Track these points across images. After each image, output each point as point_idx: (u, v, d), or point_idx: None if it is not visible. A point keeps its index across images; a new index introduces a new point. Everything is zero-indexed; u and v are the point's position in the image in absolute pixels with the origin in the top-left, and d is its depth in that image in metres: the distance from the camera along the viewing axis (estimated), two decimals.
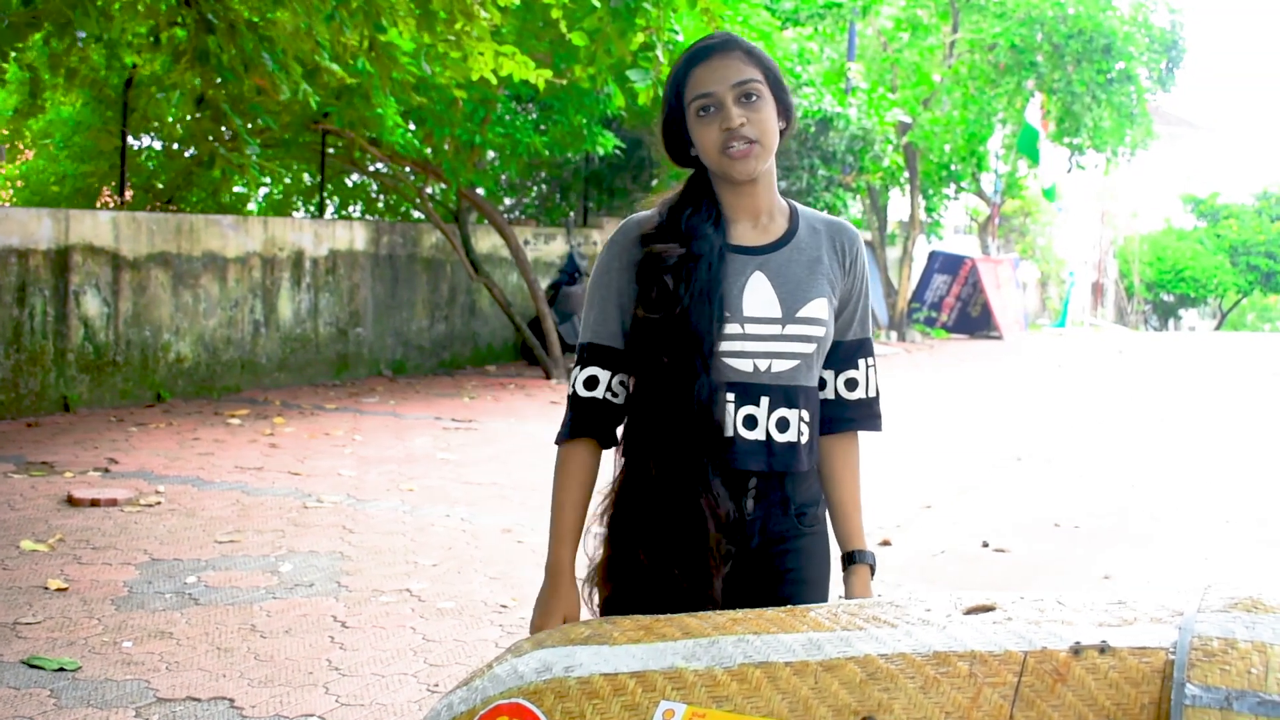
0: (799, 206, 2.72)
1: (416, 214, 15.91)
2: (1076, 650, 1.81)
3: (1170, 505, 8.67)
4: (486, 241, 15.81)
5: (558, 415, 11.63)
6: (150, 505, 7.42)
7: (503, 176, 16.80)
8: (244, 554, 6.45)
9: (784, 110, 2.62)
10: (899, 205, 28.38)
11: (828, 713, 1.87)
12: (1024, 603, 2.02)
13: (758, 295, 2.56)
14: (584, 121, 13.30)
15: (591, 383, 2.61)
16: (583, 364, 2.62)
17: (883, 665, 1.90)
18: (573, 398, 2.64)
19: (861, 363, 2.72)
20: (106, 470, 8.35)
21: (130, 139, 13.33)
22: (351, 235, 14.02)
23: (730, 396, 2.53)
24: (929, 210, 27.47)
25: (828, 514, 2.74)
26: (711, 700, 1.95)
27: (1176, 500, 8.85)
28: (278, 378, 12.95)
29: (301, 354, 13.29)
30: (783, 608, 2.27)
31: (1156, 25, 25.91)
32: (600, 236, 18.19)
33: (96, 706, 4.37)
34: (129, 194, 13.31)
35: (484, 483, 8.48)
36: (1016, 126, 26.26)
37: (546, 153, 13.63)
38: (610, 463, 2.73)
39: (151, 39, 7.98)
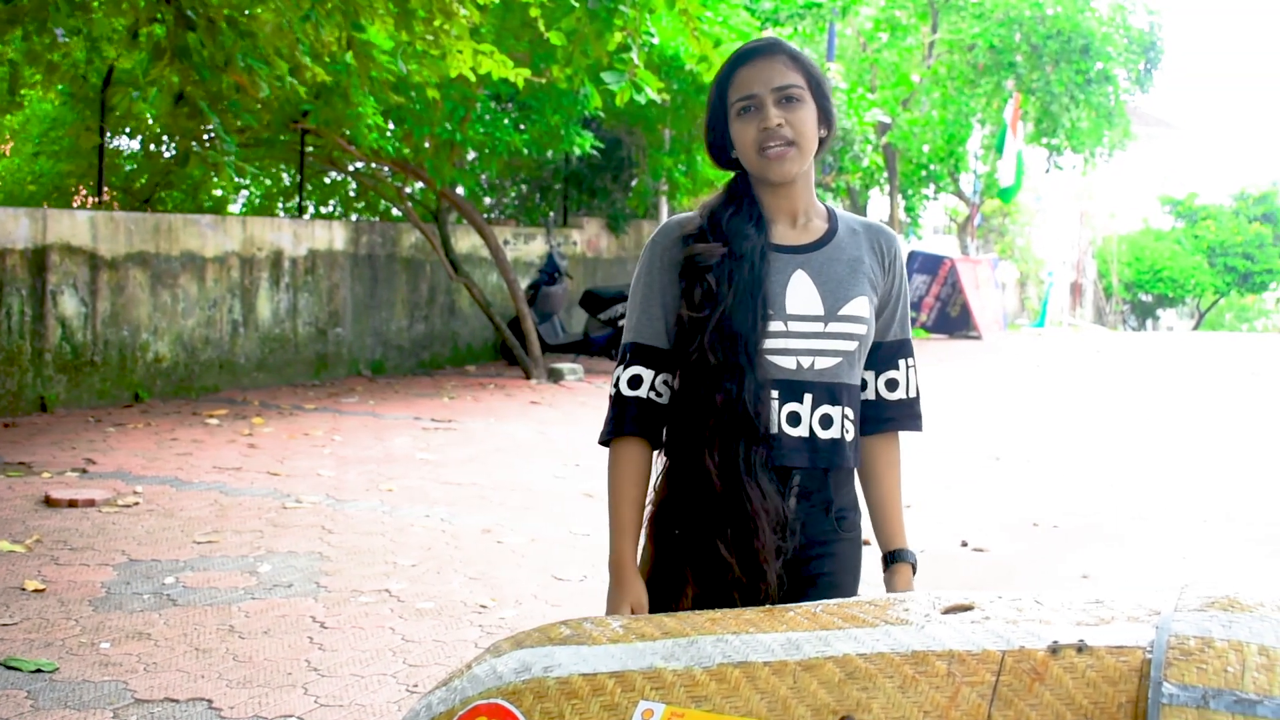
0: (837, 209, 2.75)
1: (396, 213, 15.88)
2: (1054, 649, 1.82)
3: (1148, 505, 8.70)
4: (466, 241, 15.79)
5: (537, 415, 11.66)
6: (128, 506, 7.40)
7: (482, 176, 16.79)
8: (222, 554, 6.43)
9: (825, 117, 2.64)
10: (878, 205, 28.46)
11: (806, 712, 1.87)
12: (1002, 602, 2.02)
13: (800, 293, 2.58)
14: (562, 121, 13.30)
15: (635, 382, 2.63)
16: (626, 363, 2.64)
17: (861, 665, 1.90)
18: (616, 396, 2.65)
19: (902, 363, 2.75)
20: (84, 471, 8.31)
21: (108, 138, 13.28)
22: (331, 235, 13.99)
23: (774, 393, 2.56)
24: (908, 210, 27.54)
25: (868, 513, 2.77)
26: (690, 700, 1.95)
27: (1154, 500, 8.88)
28: (256, 378, 12.91)
29: (280, 354, 13.26)
30: (762, 608, 2.27)
31: (1135, 26, 26.01)
32: (580, 236, 18.19)
33: (74, 708, 4.35)
34: (106, 193, 13.26)
35: (463, 483, 8.47)
36: (995, 127, 26.34)
37: (526, 152, 13.64)
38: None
39: (130, 35, 7.95)
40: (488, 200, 18.81)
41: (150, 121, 13.49)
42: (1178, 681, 1.66)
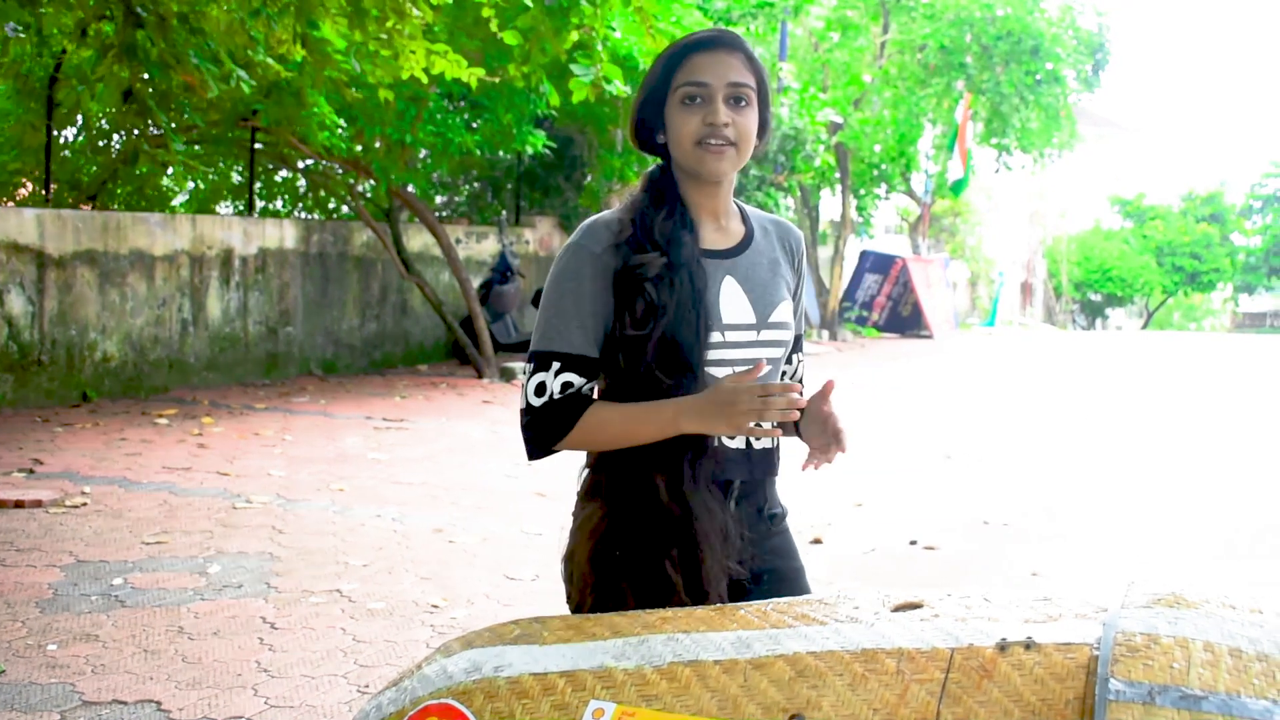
0: (746, 206, 2.69)
1: (347, 211, 15.81)
2: (1003, 647, 1.83)
3: (1097, 503, 8.77)
4: (418, 240, 15.74)
5: (490, 414, 11.64)
6: (76, 506, 7.33)
7: (434, 175, 16.74)
8: (171, 555, 6.39)
9: (763, 126, 2.58)
10: (830, 205, 28.55)
11: (757, 711, 1.87)
12: (951, 600, 2.03)
13: (732, 301, 2.51)
14: (514, 121, 13.28)
15: (567, 387, 2.47)
16: (555, 371, 2.47)
17: (811, 663, 1.90)
18: (548, 404, 2.47)
19: (795, 357, 2.72)
20: (31, 471, 8.23)
21: (55, 132, 13.15)
22: (281, 233, 13.91)
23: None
24: (860, 210, 27.64)
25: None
26: (641, 699, 1.95)
27: (1103, 498, 8.96)
28: (206, 377, 12.83)
29: (231, 353, 13.17)
30: (713, 606, 2.27)
31: (1083, 27, 26.21)
32: (532, 235, 18.16)
33: (20, 710, 4.31)
34: (53, 188, 13.13)
35: (415, 483, 8.44)
36: (946, 127, 26.49)
37: (478, 151, 13.59)
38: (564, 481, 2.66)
39: (80, 31, 7.89)
40: (440, 199, 18.76)
41: (97, 116, 13.38)
42: (1124, 678, 1.68)
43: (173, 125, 10.44)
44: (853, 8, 25.38)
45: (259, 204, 15.78)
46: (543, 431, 2.50)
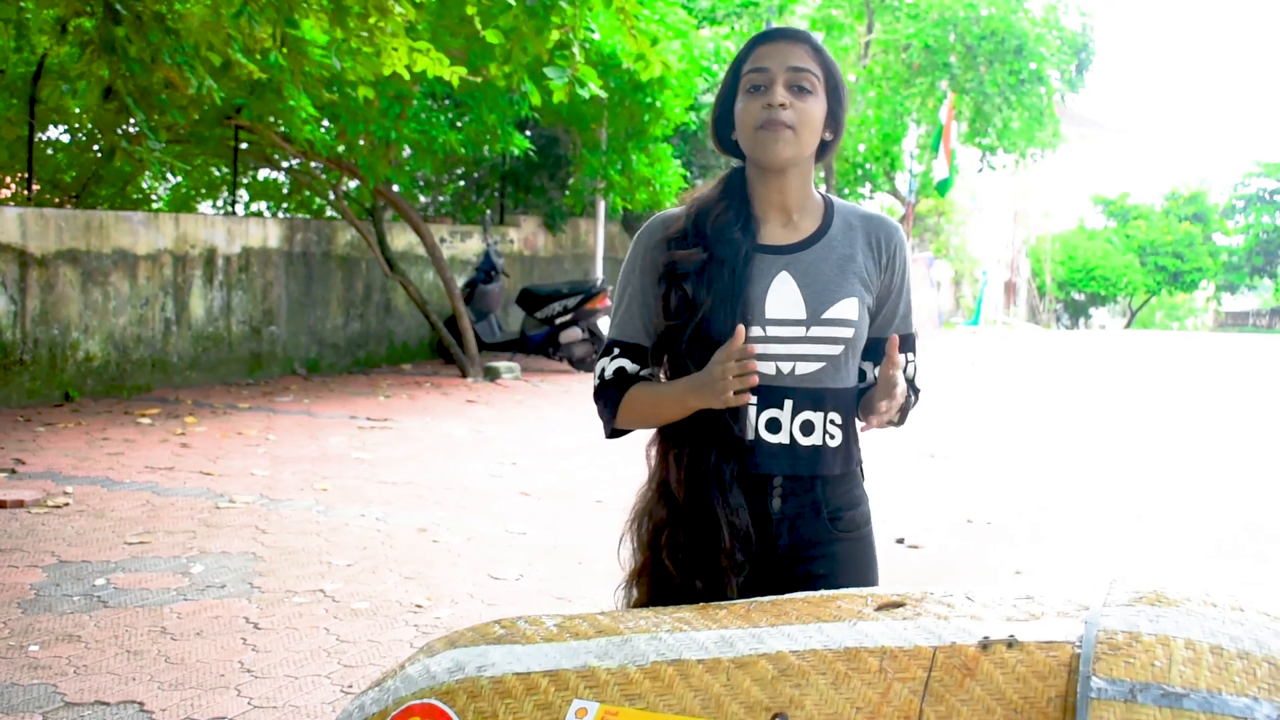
0: (837, 202, 2.66)
1: (331, 211, 15.78)
2: (985, 645, 1.83)
3: (1081, 501, 8.79)
4: (402, 239, 15.72)
5: (474, 414, 11.62)
6: (58, 506, 7.30)
7: (418, 174, 16.72)
8: (154, 555, 6.37)
9: (833, 122, 2.57)
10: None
11: (740, 709, 1.87)
12: (934, 598, 2.04)
13: (782, 296, 2.51)
14: (497, 121, 13.26)
15: (620, 372, 2.60)
16: (612, 356, 2.61)
17: (794, 662, 1.90)
18: (601, 385, 2.62)
19: (901, 357, 2.63)
20: (13, 471, 8.20)
21: (37, 130, 13.11)
22: (265, 232, 13.88)
23: (753, 399, 2.49)
24: None
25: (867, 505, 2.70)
26: (624, 698, 1.95)
27: (1088, 496, 8.98)
28: (189, 376, 12.79)
29: (214, 352, 13.14)
30: (696, 605, 2.27)
31: (1067, 27, 26.28)
32: (517, 234, 18.14)
33: (2, 711, 4.29)
34: (35, 187, 13.09)
35: (399, 482, 8.43)
36: (930, 127, 26.54)
37: (462, 150, 13.58)
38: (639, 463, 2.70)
39: (59, 28, 7.86)
40: (424, 198, 18.74)
41: (80, 115, 13.33)
42: (1106, 676, 1.68)
43: (153, 123, 10.41)
44: (837, 7, 25.42)
45: (242, 202, 15.74)
46: (599, 413, 2.64)
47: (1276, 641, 1.73)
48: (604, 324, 15.54)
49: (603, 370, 2.61)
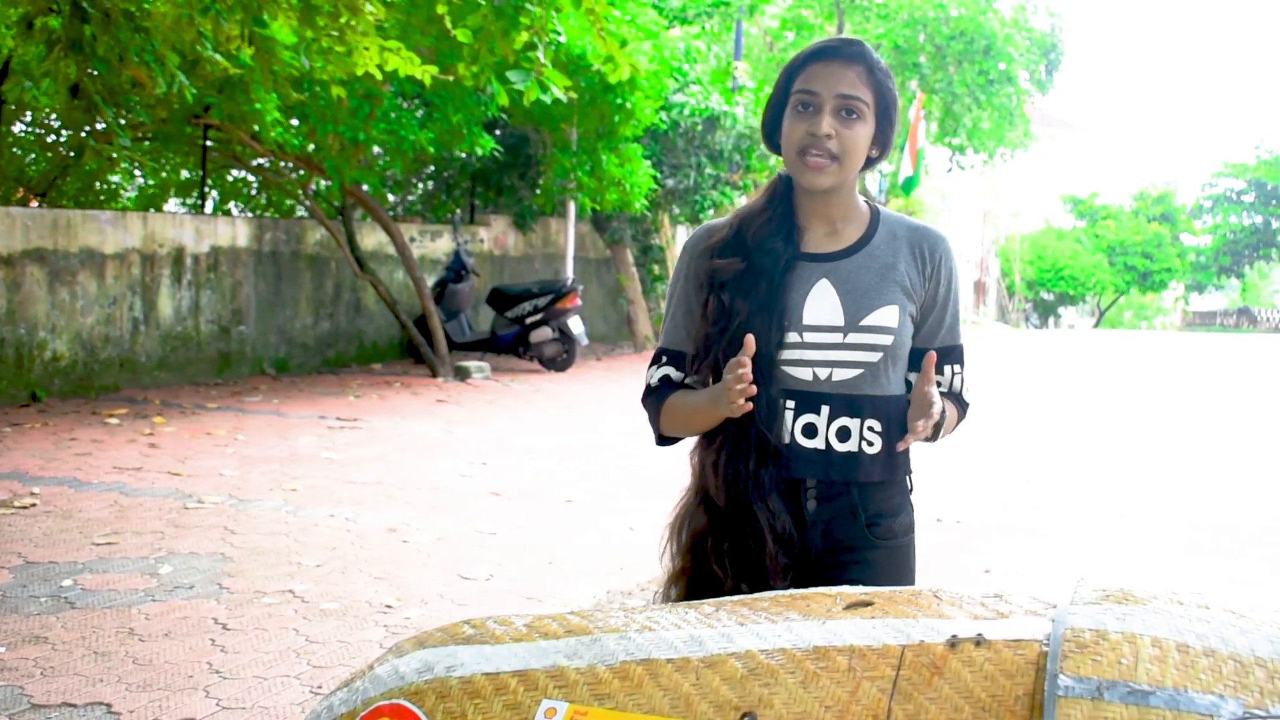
0: (885, 212, 2.68)
1: (301, 210, 15.72)
2: (953, 643, 1.84)
3: (1051, 500, 8.83)
4: (372, 238, 15.68)
5: (444, 414, 11.60)
6: (25, 507, 7.26)
7: (388, 173, 16.67)
8: (122, 556, 6.33)
9: (881, 139, 2.59)
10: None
11: (709, 709, 1.87)
12: (902, 597, 2.04)
13: (820, 303, 2.53)
14: (464, 121, 13.24)
15: (665, 380, 2.67)
16: (659, 364, 2.68)
17: (763, 661, 1.90)
18: (646, 392, 2.70)
19: (947, 369, 2.69)
20: None
21: (3, 128, 13.02)
22: (234, 231, 13.82)
23: (789, 404, 2.52)
24: None
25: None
26: (594, 698, 1.95)
27: (1057, 495, 9.02)
28: (158, 376, 12.73)
29: (182, 352, 13.08)
30: (665, 605, 2.27)
31: (1036, 28, 26.40)
32: (487, 234, 18.12)
33: None
34: (1, 186, 13.00)
35: (369, 482, 8.41)
36: (900, 127, 26.62)
37: (432, 149, 13.55)
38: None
39: (25, 25, 7.80)
40: (394, 197, 18.69)
41: (47, 113, 13.26)
42: (1073, 674, 1.69)
43: (121, 121, 10.35)
44: (808, 7, 25.48)
45: (212, 200, 15.67)
46: (649, 419, 2.71)
47: (1242, 639, 1.74)
48: (574, 323, 15.55)
49: (649, 377, 2.68)
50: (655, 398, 2.66)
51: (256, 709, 4.42)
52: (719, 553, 2.53)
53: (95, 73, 6.99)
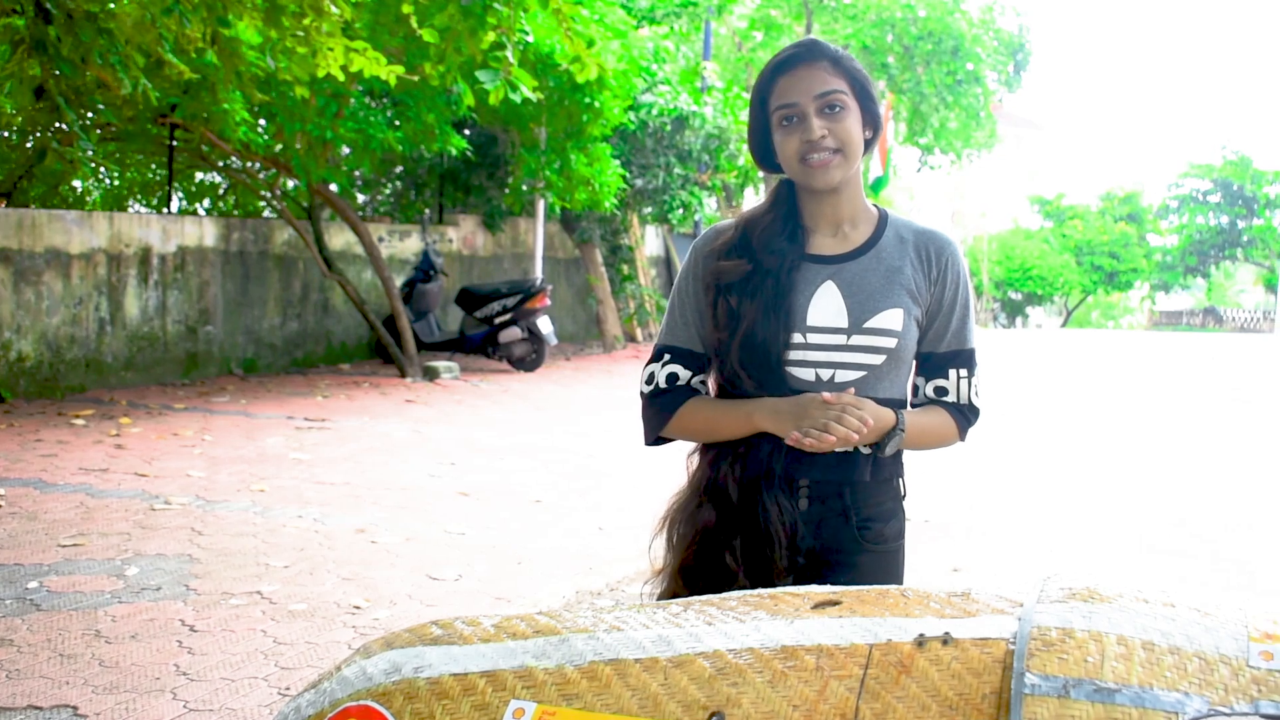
0: (893, 215, 2.69)
1: (268, 210, 15.66)
2: (920, 642, 1.84)
3: (1018, 498, 8.86)
4: (340, 238, 15.63)
5: (412, 414, 11.57)
6: None
7: (357, 173, 16.63)
8: (88, 558, 6.30)
9: (870, 119, 2.60)
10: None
11: (677, 709, 1.87)
12: (870, 596, 2.05)
13: (824, 305, 2.54)
14: (436, 120, 13.21)
15: (673, 379, 2.65)
16: (663, 362, 2.67)
17: (731, 660, 1.90)
18: (654, 391, 2.67)
19: (953, 372, 2.68)
20: None
21: None
22: (201, 231, 13.76)
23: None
24: None
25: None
26: (562, 698, 1.95)
27: (1024, 493, 9.05)
28: (124, 377, 12.66)
29: (149, 353, 13.01)
30: (634, 605, 2.27)
31: (1004, 29, 26.51)
32: (456, 234, 18.08)
33: None
34: None
35: (337, 483, 8.38)
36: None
37: (400, 149, 13.52)
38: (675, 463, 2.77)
39: None
40: (362, 197, 18.64)
41: (11, 114, 13.17)
42: (1040, 672, 1.69)
43: (86, 122, 10.29)
44: (776, 7, 25.52)
45: (178, 199, 15.59)
46: (648, 420, 2.69)
47: (1207, 637, 1.75)
48: (543, 323, 15.54)
49: (653, 376, 2.67)
50: (667, 397, 2.65)
51: (224, 711, 4.40)
52: (731, 548, 2.54)
53: (59, 74, 6.95)
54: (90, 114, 10.83)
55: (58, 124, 9.54)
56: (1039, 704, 1.66)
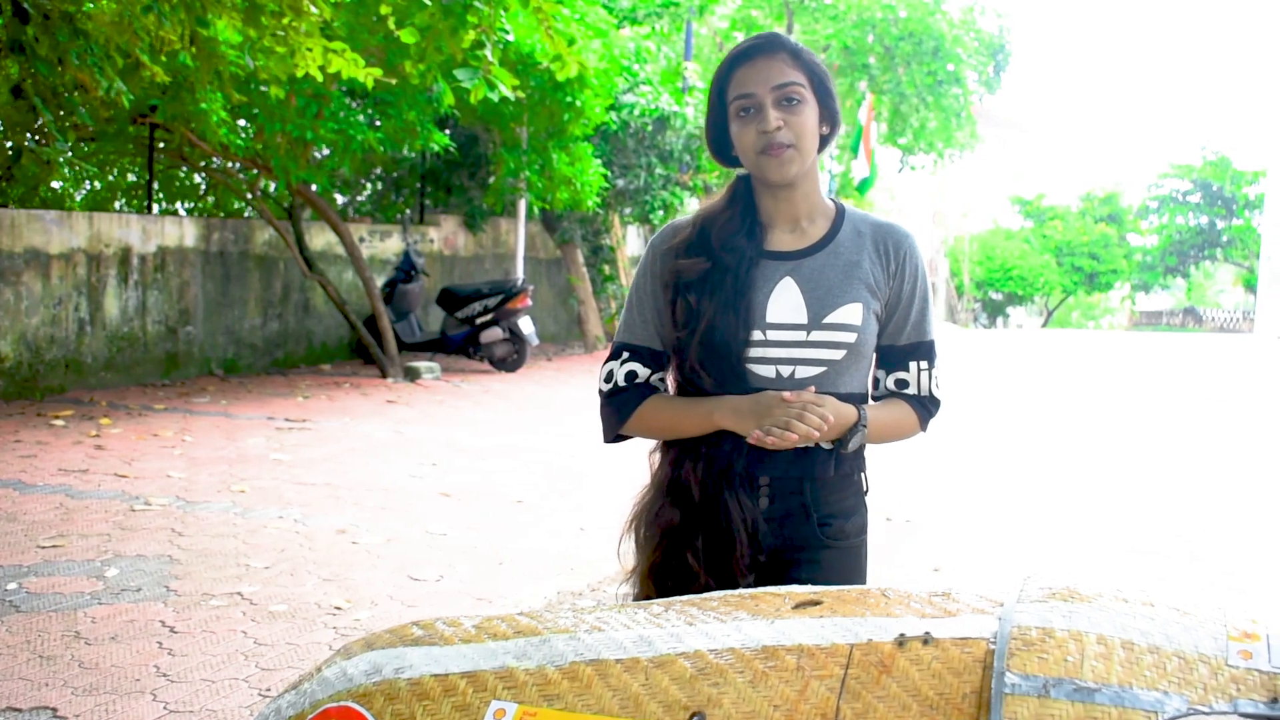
0: (850, 209, 2.68)
1: (249, 210, 15.61)
2: (901, 642, 1.84)
3: (998, 498, 8.88)
4: (321, 239, 15.60)
5: (393, 414, 11.55)
6: None
7: (337, 173, 16.60)
8: (68, 559, 6.27)
9: (828, 115, 2.59)
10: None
11: (658, 709, 1.87)
12: (851, 596, 2.05)
13: (783, 302, 2.54)
14: (418, 119, 13.19)
15: (631, 376, 2.64)
16: (621, 360, 2.65)
17: (712, 661, 1.91)
18: (613, 390, 2.66)
19: (913, 365, 2.67)
20: None
21: None
22: (181, 231, 13.71)
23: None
24: None
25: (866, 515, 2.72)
26: (543, 699, 1.94)
27: (1004, 494, 9.08)
28: (104, 378, 12.62)
29: (129, 353, 12.97)
30: (615, 605, 2.27)
31: (984, 29, 26.57)
32: (437, 234, 18.05)
33: None
34: None
35: (318, 483, 8.37)
36: (850, 128, 26.75)
37: (381, 149, 13.49)
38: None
39: None
40: (343, 197, 18.60)
41: None
42: (1020, 671, 1.70)
43: (65, 123, 10.25)
44: (757, 8, 25.54)
45: (158, 200, 15.53)
46: (606, 418, 2.68)
47: (1186, 636, 1.75)
48: (525, 324, 15.53)
49: (612, 374, 2.66)
50: (625, 395, 2.65)
51: (204, 712, 4.39)
52: (693, 547, 2.54)
53: (36, 74, 6.93)
54: (69, 115, 10.78)
55: (34, 125, 9.50)
56: (1019, 703, 1.67)
